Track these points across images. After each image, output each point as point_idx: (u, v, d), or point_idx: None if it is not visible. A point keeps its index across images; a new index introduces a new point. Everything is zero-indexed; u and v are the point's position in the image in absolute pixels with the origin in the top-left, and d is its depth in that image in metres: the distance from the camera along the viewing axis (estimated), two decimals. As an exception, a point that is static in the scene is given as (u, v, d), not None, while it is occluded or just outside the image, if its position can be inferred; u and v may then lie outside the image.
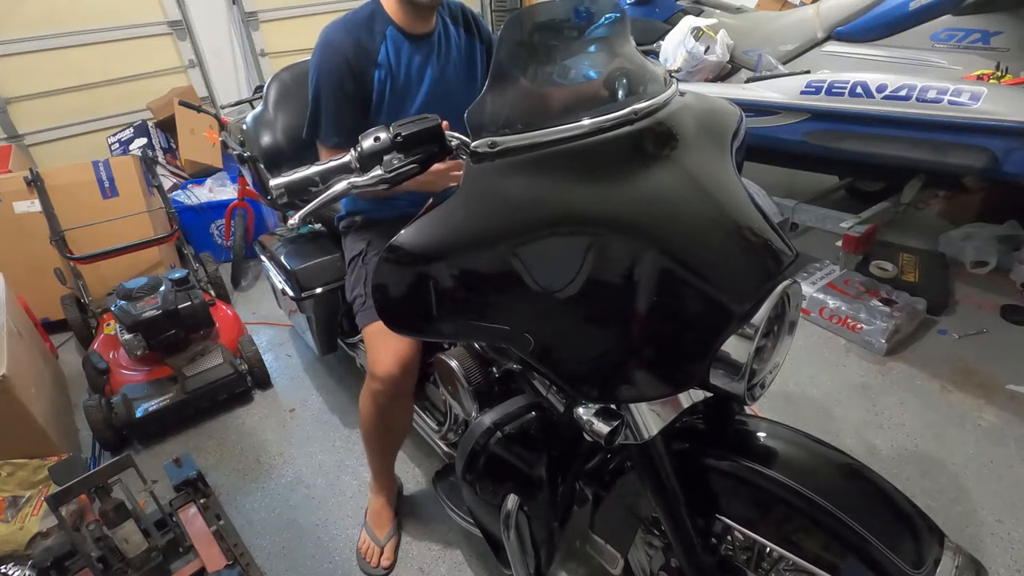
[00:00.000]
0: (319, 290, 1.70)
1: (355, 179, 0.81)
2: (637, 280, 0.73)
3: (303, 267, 1.71)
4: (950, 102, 1.85)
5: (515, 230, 0.75)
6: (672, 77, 0.97)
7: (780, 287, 0.77)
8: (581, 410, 0.86)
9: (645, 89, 0.89)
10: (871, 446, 1.75)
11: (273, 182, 0.81)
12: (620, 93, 0.90)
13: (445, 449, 1.51)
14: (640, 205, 0.77)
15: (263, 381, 2.19)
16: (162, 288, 2.06)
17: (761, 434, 0.90)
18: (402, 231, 0.76)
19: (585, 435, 0.87)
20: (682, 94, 0.95)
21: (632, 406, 0.84)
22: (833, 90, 2.11)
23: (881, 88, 1.99)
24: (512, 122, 0.79)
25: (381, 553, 1.50)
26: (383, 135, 0.79)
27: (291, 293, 1.74)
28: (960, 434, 1.77)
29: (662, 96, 0.86)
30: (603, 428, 0.83)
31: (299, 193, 0.82)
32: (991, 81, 1.99)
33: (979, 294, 2.38)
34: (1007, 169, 1.83)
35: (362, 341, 1.46)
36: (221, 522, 1.55)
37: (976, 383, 1.95)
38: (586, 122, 0.78)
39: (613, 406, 0.84)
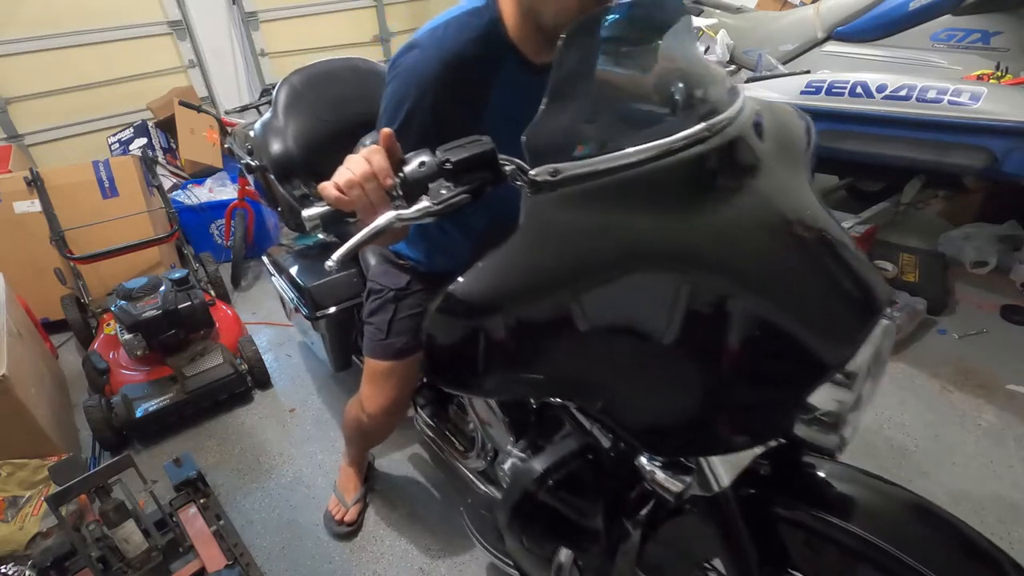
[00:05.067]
0: (334, 309, 1.62)
1: (402, 211, 0.71)
2: (723, 325, 0.65)
3: (318, 284, 1.62)
4: (950, 102, 1.85)
5: (584, 272, 0.67)
6: (735, 81, 0.89)
7: (879, 330, 0.69)
8: (644, 460, 0.77)
9: (713, 99, 0.78)
10: (871, 447, 1.75)
11: (307, 212, 0.72)
12: (688, 106, 0.79)
13: (471, 477, 1.44)
14: (724, 238, 0.68)
15: (263, 381, 2.19)
16: (162, 288, 2.06)
17: (832, 479, 0.80)
18: (460, 278, 0.68)
19: (647, 486, 0.78)
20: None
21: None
22: (833, 90, 2.11)
23: (881, 88, 1.99)
24: (573, 146, 0.71)
25: (346, 512, 1.61)
26: (428, 159, 0.71)
27: (305, 312, 1.65)
28: (960, 434, 1.77)
29: (733, 107, 0.76)
30: (674, 485, 0.74)
31: (335, 224, 0.74)
32: (991, 81, 1.99)
33: (979, 294, 2.38)
34: (1007, 169, 1.83)
35: None
36: (221, 522, 1.55)
37: (976, 383, 1.95)
38: (658, 143, 0.68)
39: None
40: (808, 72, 2.32)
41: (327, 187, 0.73)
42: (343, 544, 1.60)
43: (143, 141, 3.29)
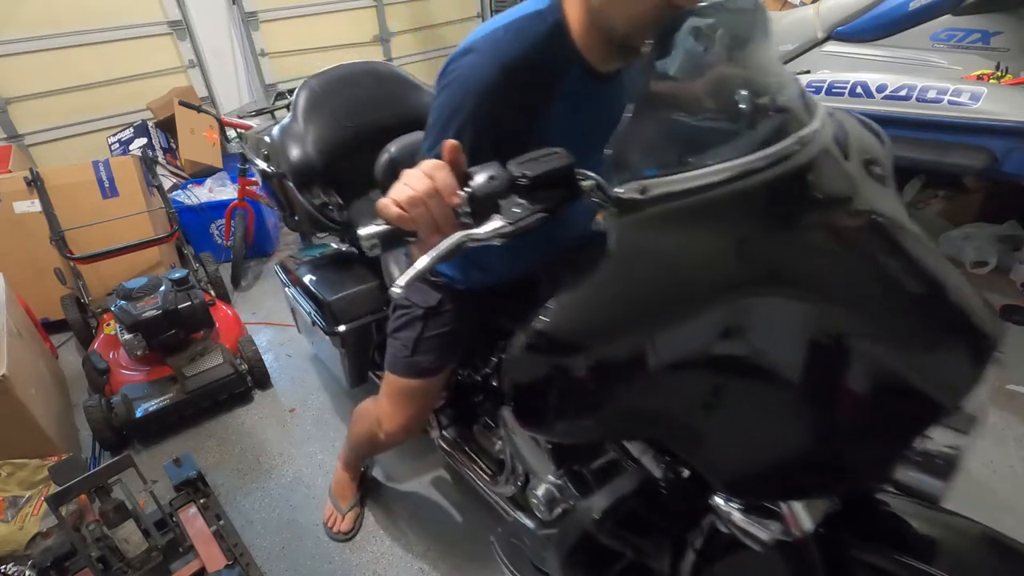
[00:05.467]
0: (355, 324, 1.55)
1: (472, 231, 0.64)
2: (838, 360, 0.59)
3: (338, 298, 1.55)
4: (950, 102, 1.85)
5: (684, 301, 0.61)
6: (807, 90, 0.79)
7: (992, 366, 0.64)
8: (720, 501, 0.70)
9: (796, 109, 0.71)
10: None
11: (364, 231, 0.65)
12: (772, 117, 0.71)
13: (499, 503, 1.36)
14: (831, 265, 0.62)
15: (263, 381, 2.19)
16: (162, 288, 2.06)
17: (908, 516, 0.74)
18: (544, 313, 0.63)
19: (720, 527, 0.72)
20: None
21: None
22: (833, 90, 2.11)
23: (881, 88, 1.99)
24: (659, 161, 0.64)
25: (342, 520, 1.62)
26: (497, 173, 0.64)
27: (323, 326, 1.58)
28: (960, 434, 1.77)
29: (817, 118, 0.69)
30: (761, 532, 0.67)
31: (395, 244, 0.67)
32: (991, 81, 1.99)
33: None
34: (1007, 169, 1.83)
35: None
36: (221, 522, 1.55)
37: (976, 383, 1.95)
38: (751, 158, 0.61)
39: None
40: (808, 72, 2.32)
41: (386, 204, 0.66)
42: (343, 544, 1.60)
43: (143, 141, 3.28)
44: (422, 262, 0.63)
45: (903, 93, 1.94)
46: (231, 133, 3.26)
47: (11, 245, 2.42)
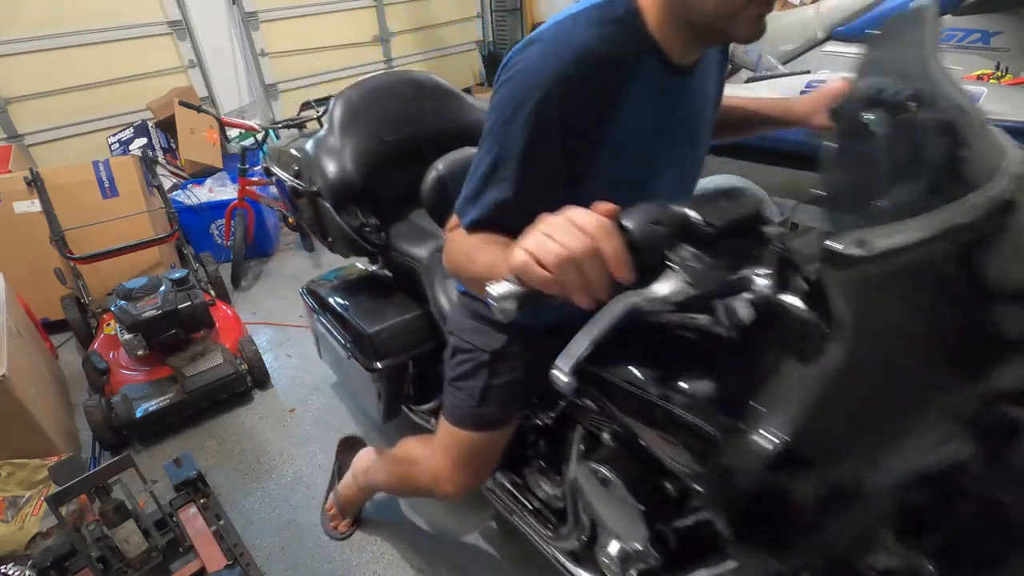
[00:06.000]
0: (397, 360, 1.42)
1: (645, 294, 0.53)
2: None
3: (379, 329, 1.41)
4: (950, 102, 1.85)
5: (947, 386, 0.50)
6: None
7: None
8: None
9: (997, 146, 0.60)
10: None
11: (495, 290, 0.55)
12: (973, 154, 0.59)
13: (556, 556, 1.22)
14: None
15: (263, 381, 2.19)
16: (162, 288, 2.06)
17: None
18: (769, 421, 0.52)
19: None
20: None
21: None
22: (833, 90, 2.10)
23: (881, 88, 1.99)
24: (869, 203, 0.54)
25: (344, 523, 1.62)
26: (662, 217, 0.52)
27: (363, 361, 1.44)
28: (960, 434, 1.77)
29: (1016, 155, 0.58)
30: None
31: (533, 307, 0.55)
32: (991, 81, 1.99)
33: (979, 294, 2.37)
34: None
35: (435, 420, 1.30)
36: (221, 522, 1.55)
37: (976, 383, 1.95)
38: (971, 202, 0.49)
39: None
40: (808, 72, 2.32)
41: (526, 264, 0.55)
42: (343, 544, 1.59)
43: (143, 141, 3.29)
44: (582, 343, 0.52)
45: (903, 93, 1.94)
46: (231, 133, 3.27)
47: (11, 245, 2.43)
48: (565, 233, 0.53)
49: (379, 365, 1.41)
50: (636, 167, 0.83)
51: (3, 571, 1.43)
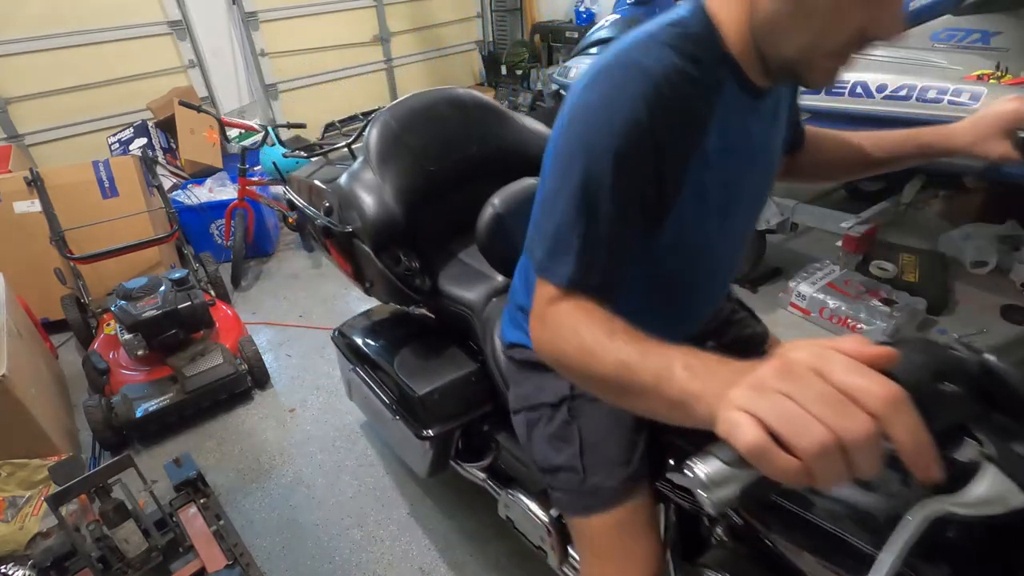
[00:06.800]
0: (451, 426, 1.25)
1: (956, 500, 0.40)
2: None
3: (431, 391, 1.23)
4: (950, 102, 1.85)
5: None
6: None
7: None
8: None
9: None
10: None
11: (704, 467, 0.41)
12: None
13: None
14: None
15: (263, 381, 2.19)
16: (162, 288, 2.06)
17: None
18: None
19: None
20: None
21: None
22: (833, 90, 2.11)
23: (881, 88, 1.99)
24: None
25: None
26: (939, 363, 0.41)
27: (413, 427, 1.27)
28: (960, 434, 1.77)
29: None
30: None
31: (762, 493, 0.44)
32: (991, 81, 1.99)
33: (979, 294, 2.38)
34: (1007, 169, 1.83)
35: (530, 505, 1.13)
36: (221, 522, 1.55)
37: (976, 383, 1.95)
38: None
39: None
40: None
41: (760, 445, 0.38)
42: (343, 544, 1.60)
43: (143, 141, 3.29)
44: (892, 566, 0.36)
45: (903, 93, 1.94)
46: (231, 133, 3.27)
47: (11, 245, 2.43)
48: (830, 406, 0.37)
49: (431, 433, 1.24)
50: (716, 199, 0.75)
51: (3, 571, 1.43)
